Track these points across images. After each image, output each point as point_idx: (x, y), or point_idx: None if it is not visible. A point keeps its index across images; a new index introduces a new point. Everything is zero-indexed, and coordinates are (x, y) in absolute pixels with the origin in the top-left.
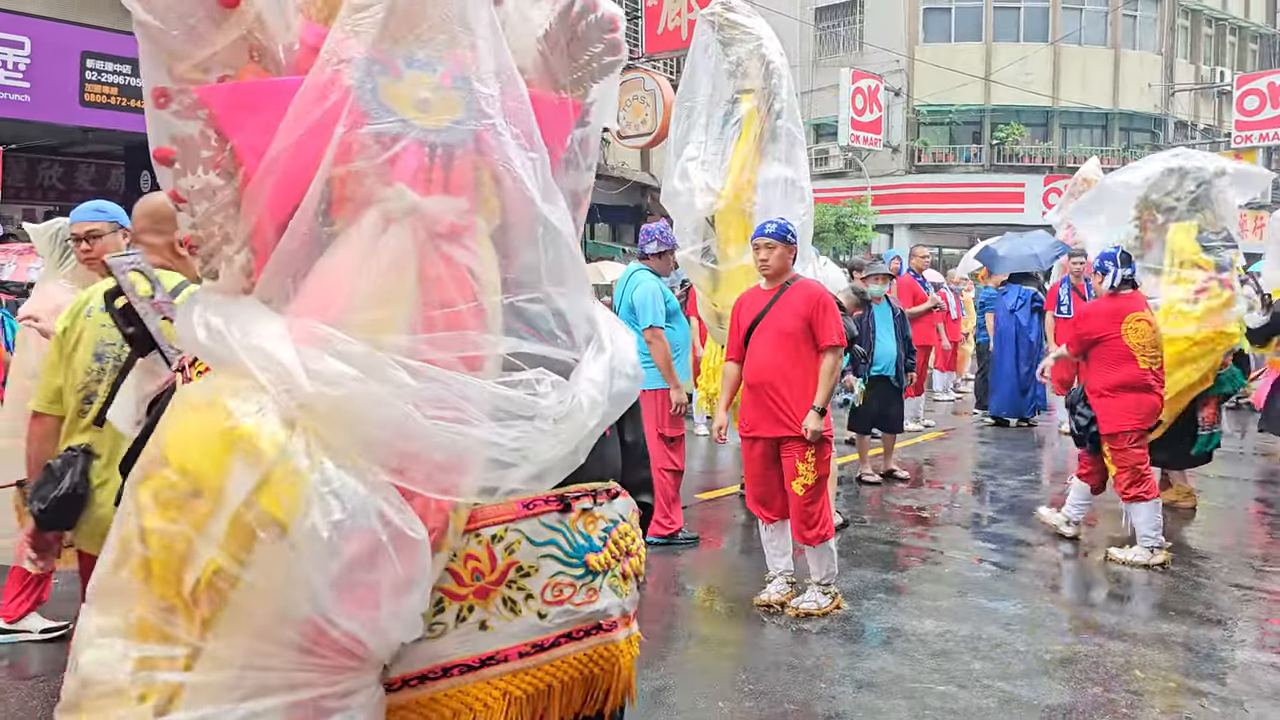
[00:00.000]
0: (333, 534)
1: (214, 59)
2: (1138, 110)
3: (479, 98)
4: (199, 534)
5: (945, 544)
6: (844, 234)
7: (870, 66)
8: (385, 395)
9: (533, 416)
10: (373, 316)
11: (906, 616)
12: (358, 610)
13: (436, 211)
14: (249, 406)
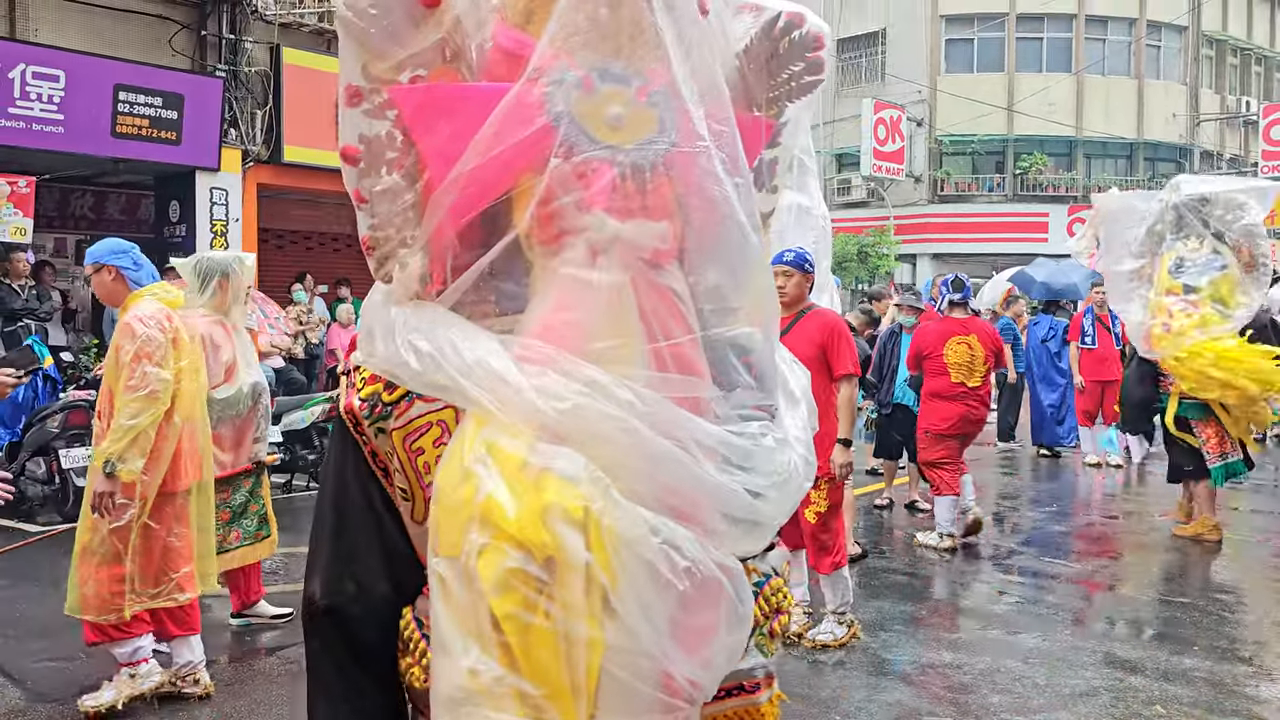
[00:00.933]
0: (685, 582)
1: (410, 59)
2: (1163, 140)
3: (678, 115)
4: (567, 611)
5: (966, 576)
6: (866, 264)
7: (893, 97)
8: (615, 412)
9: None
10: (604, 346)
11: (925, 649)
12: (696, 651)
13: (638, 238)
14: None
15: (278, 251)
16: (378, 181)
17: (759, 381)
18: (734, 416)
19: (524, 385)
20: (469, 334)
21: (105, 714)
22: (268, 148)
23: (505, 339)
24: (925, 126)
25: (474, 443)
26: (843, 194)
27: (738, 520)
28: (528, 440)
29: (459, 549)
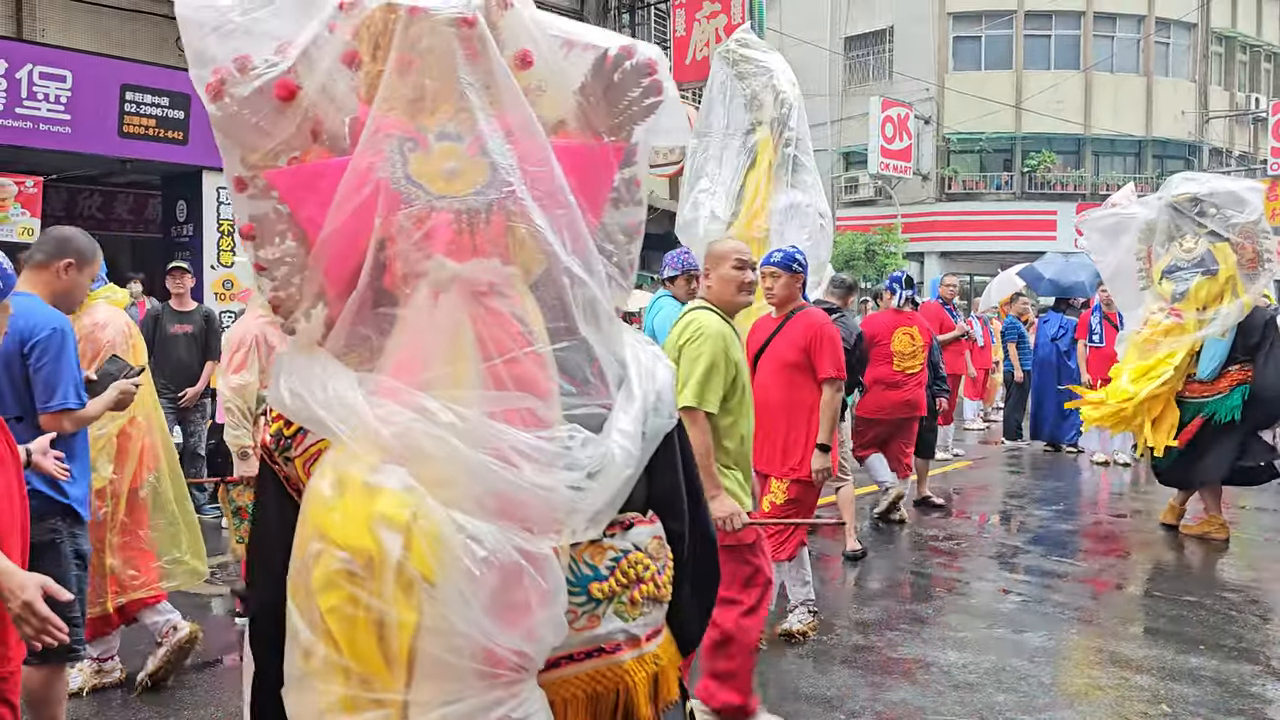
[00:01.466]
0: (483, 569)
1: (280, 146)
2: (1171, 137)
3: (502, 164)
4: (380, 600)
5: (972, 574)
6: (874, 262)
7: (900, 95)
8: (437, 433)
9: (569, 469)
10: (443, 373)
11: (930, 648)
12: (515, 626)
13: (474, 274)
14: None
15: None
16: (273, 251)
17: (600, 383)
18: (563, 420)
19: (368, 415)
20: (333, 374)
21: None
22: None
23: (362, 377)
24: (933, 124)
25: (328, 469)
26: (850, 192)
27: (562, 511)
28: (370, 463)
29: (303, 554)
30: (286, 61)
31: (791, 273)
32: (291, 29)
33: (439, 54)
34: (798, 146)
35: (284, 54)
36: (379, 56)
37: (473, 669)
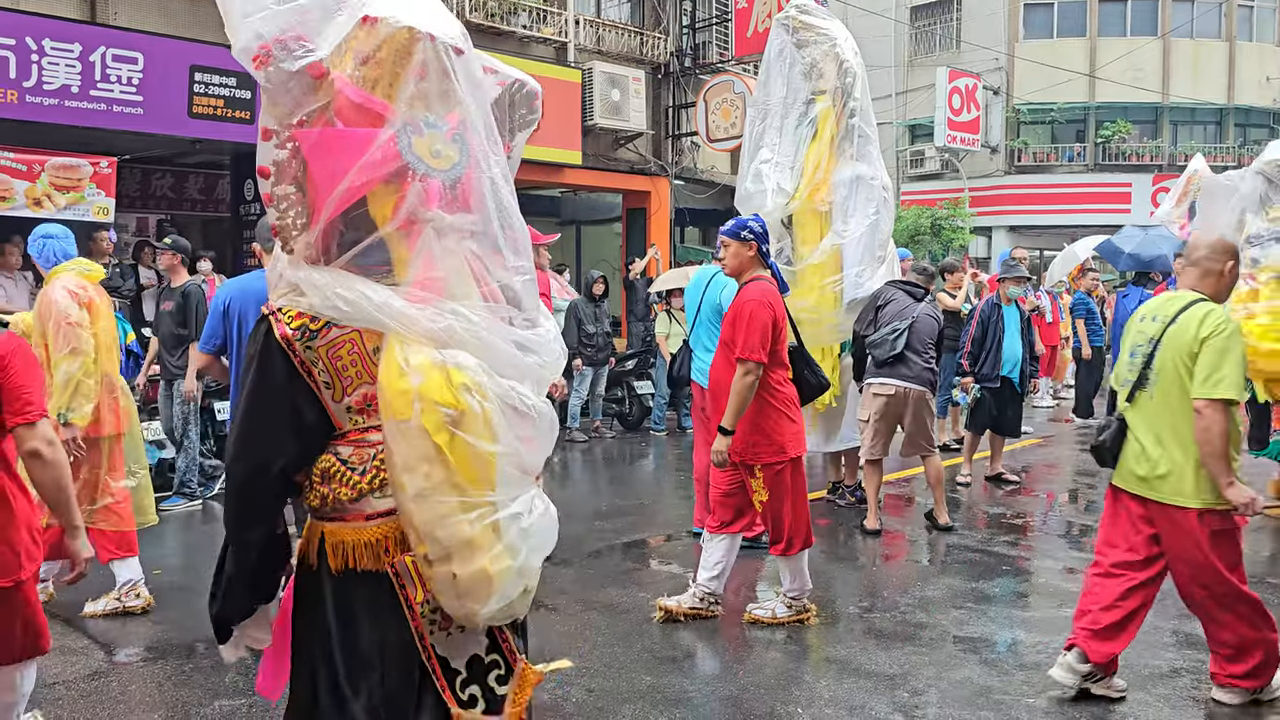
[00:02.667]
0: (529, 415)
1: (301, 110)
2: (1255, 105)
3: (471, 146)
4: (476, 437)
5: (1040, 553)
6: (940, 237)
7: (968, 65)
8: (469, 328)
9: (539, 352)
10: (458, 290)
11: (997, 627)
12: (539, 451)
13: (460, 224)
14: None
15: None
16: (282, 189)
17: (529, 303)
18: (524, 323)
19: (418, 316)
20: (372, 287)
21: None
22: None
23: (396, 289)
24: (1002, 95)
25: (399, 354)
26: (916, 166)
27: (538, 380)
28: (429, 349)
29: (409, 414)
30: (323, 51)
31: (740, 240)
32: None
33: (438, 68)
34: (861, 117)
35: (317, 44)
36: (382, 60)
37: (523, 478)
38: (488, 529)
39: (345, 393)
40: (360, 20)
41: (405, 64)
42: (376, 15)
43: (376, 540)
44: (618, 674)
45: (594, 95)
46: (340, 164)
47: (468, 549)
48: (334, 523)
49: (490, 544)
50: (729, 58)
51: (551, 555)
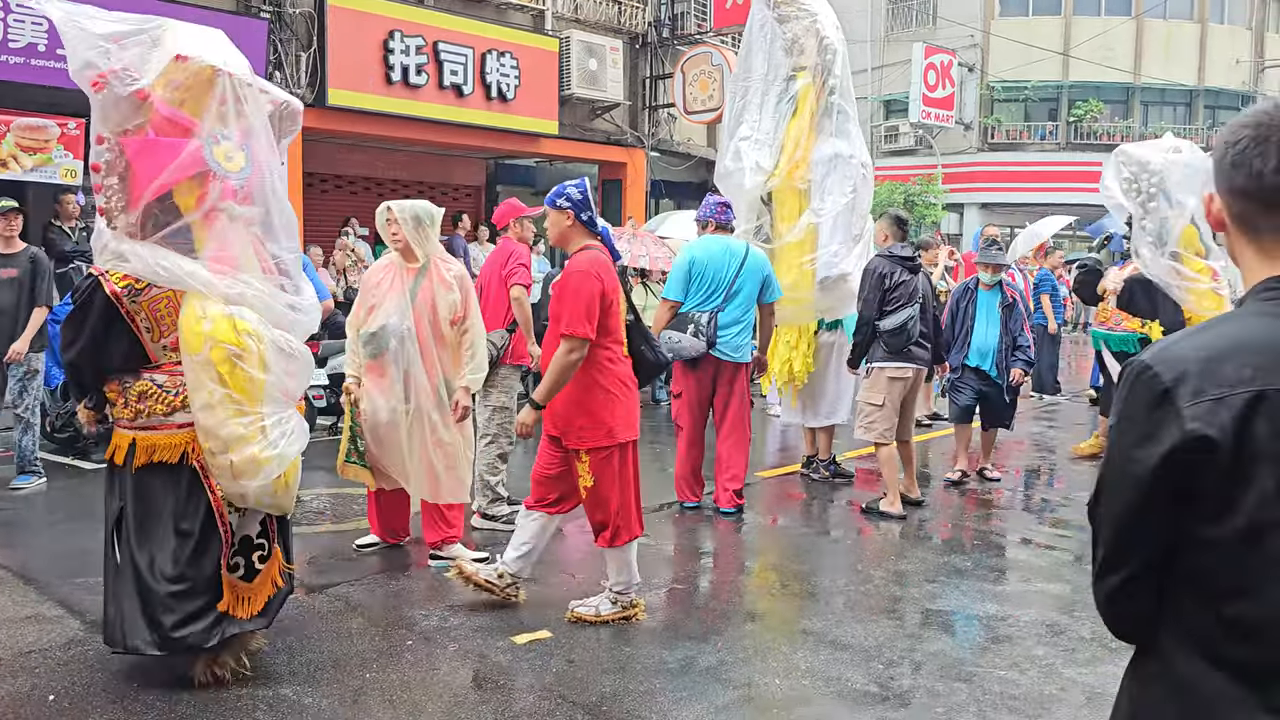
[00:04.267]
0: (291, 354)
1: (127, 124)
2: (1225, 87)
3: (255, 154)
4: (251, 368)
5: (1010, 529)
6: (913, 212)
7: (943, 41)
8: (254, 292)
9: (306, 312)
10: (246, 265)
11: (968, 600)
12: (297, 382)
13: (248, 214)
14: (234, 311)
15: (323, 196)
16: (109, 181)
17: (295, 274)
18: (293, 289)
19: (217, 282)
20: (182, 260)
21: None
22: (312, 91)
23: (198, 261)
24: (976, 72)
25: (198, 307)
26: (890, 141)
27: (304, 331)
28: (222, 305)
29: (201, 349)
30: (146, 80)
31: (556, 209)
32: (137, 60)
33: (233, 95)
34: (841, 94)
35: (142, 74)
36: (191, 87)
37: (286, 400)
38: (256, 430)
39: (163, 335)
40: (174, 57)
41: (208, 91)
42: (187, 55)
43: (183, 442)
44: (597, 645)
45: (571, 65)
46: (157, 164)
47: (241, 442)
48: (147, 431)
49: (258, 439)
50: (707, 29)
51: None
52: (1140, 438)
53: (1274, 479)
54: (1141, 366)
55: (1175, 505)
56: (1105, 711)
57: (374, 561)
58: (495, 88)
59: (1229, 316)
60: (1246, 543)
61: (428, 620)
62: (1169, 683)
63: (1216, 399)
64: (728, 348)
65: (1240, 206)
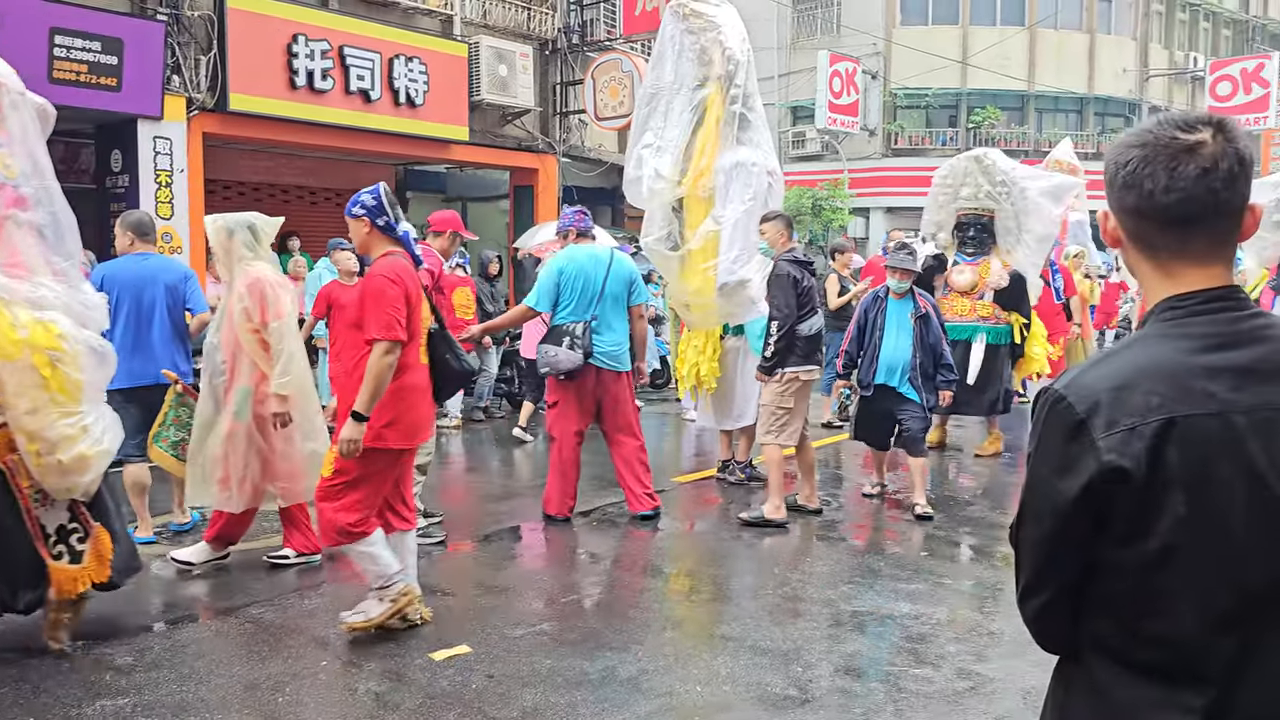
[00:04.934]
0: (100, 353)
1: None
2: (1113, 95)
3: (23, 160)
4: (70, 370)
5: (919, 528)
6: (820, 217)
7: (848, 49)
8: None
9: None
10: (40, 269)
11: (882, 600)
12: (105, 378)
13: (34, 219)
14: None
15: (226, 204)
16: None
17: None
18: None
19: (19, 287)
20: None
21: None
22: (213, 95)
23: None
24: (880, 79)
25: (8, 314)
26: (797, 147)
27: (98, 328)
28: (30, 311)
29: (19, 356)
30: None
31: (354, 218)
32: None
33: (10, 105)
34: (745, 104)
35: None
36: None
37: (99, 395)
38: (80, 429)
39: None
40: None
41: None
42: None
43: None
44: (517, 658)
45: (481, 70)
46: None
47: (69, 442)
48: None
49: (84, 437)
50: (617, 36)
51: (445, 539)
52: (1058, 469)
53: (1185, 503)
54: (1056, 397)
55: (1093, 532)
56: (1018, 704)
57: (286, 580)
58: (403, 93)
59: (1135, 340)
60: (1159, 565)
61: (343, 638)
62: (1090, 688)
63: (1129, 429)
64: (605, 356)
65: (1134, 225)
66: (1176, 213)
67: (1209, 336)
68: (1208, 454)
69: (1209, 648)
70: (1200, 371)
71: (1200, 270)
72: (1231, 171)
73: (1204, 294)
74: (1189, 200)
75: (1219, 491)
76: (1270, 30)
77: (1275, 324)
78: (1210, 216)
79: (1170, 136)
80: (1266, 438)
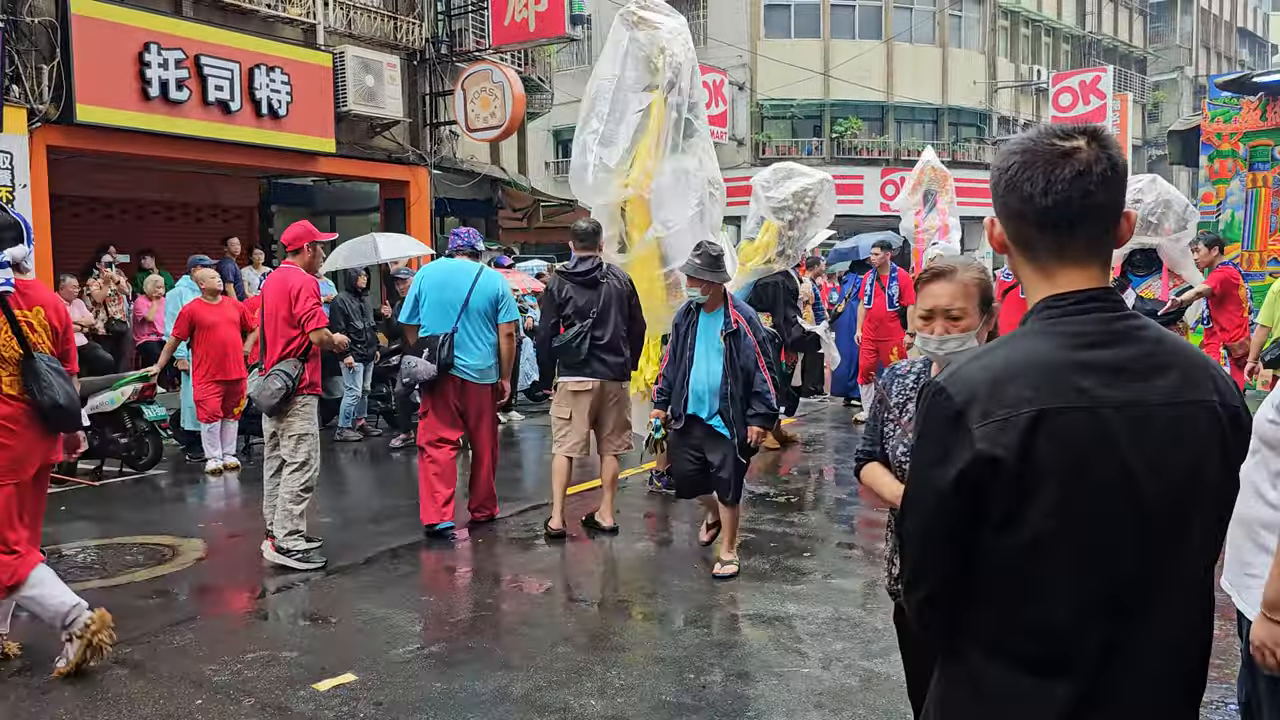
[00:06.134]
0: None
1: None
2: (965, 105)
3: None
4: None
5: (801, 528)
6: None
7: (715, 61)
8: None
9: None
10: None
11: (770, 602)
12: None
13: None
14: None
15: (75, 220)
16: None
17: None
18: None
19: None
20: None
21: None
22: (57, 106)
23: None
24: (747, 90)
25: None
26: None
27: None
28: None
29: None
30: None
31: None
32: None
33: None
34: (690, 110)
35: None
36: None
37: None
38: None
39: None
40: None
41: None
42: None
43: None
44: (406, 683)
45: (347, 81)
46: None
47: None
48: None
49: None
50: (486, 46)
51: (327, 565)
52: (937, 458)
53: (1057, 494)
54: (937, 388)
55: (971, 523)
56: (905, 699)
57: (155, 618)
58: (265, 104)
59: (1015, 336)
60: (1032, 553)
61: (219, 675)
62: (966, 679)
63: (1002, 420)
64: (465, 368)
65: (1016, 228)
66: (1054, 214)
67: (1083, 335)
68: (1079, 447)
69: (1080, 638)
70: (1073, 367)
71: (1077, 272)
72: (1105, 175)
73: (1080, 294)
74: (1066, 202)
75: (1090, 484)
76: (1105, 45)
77: (1147, 325)
78: (1085, 218)
79: (1049, 144)
80: (1138, 434)
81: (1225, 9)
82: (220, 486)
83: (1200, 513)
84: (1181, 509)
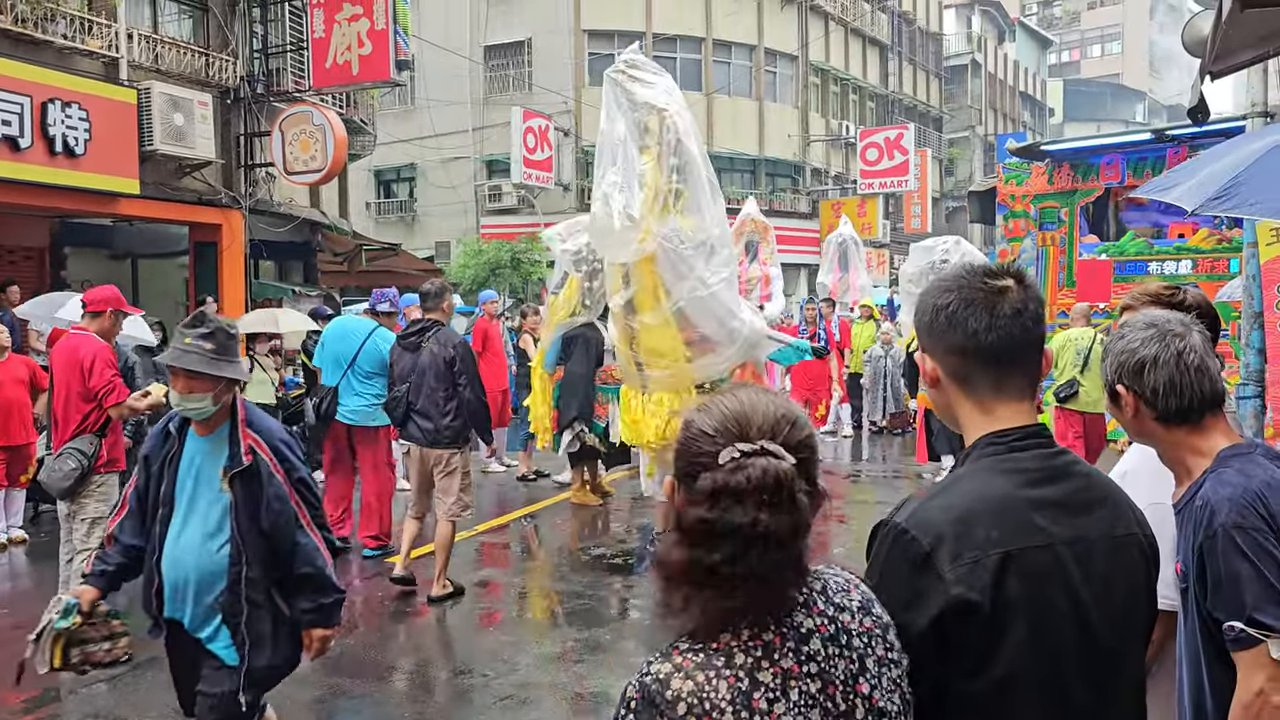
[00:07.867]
0: None
1: None
2: (781, 157)
3: None
4: None
5: (642, 592)
6: (519, 270)
7: (540, 106)
8: None
9: None
10: None
11: (616, 677)
12: None
13: None
14: None
15: None
16: None
17: None
18: None
19: None
20: None
21: None
22: None
23: None
24: (571, 136)
25: None
26: (494, 200)
27: None
28: None
29: None
30: None
31: None
32: None
33: None
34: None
35: None
36: None
37: None
38: None
39: None
40: None
41: None
42: None
43: None
44: None
45: (153, 118)
46: None
47: None
48: None
49: None
50: (306, 88)
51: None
52: (906, 602)
53: (1026, 632)
54: (899, 530)
55: (938, 664)
56: None
57: None
58: (60, 141)
59: (965, 475)
60: (1003, 691)
61: None
62: None
63: (974, 562)
64: (349, 413)
65: (957, 364)
66: (998, 349)
67: (1031, 471)
68: (1042, 584)
69: None
70: (1029, 504)
71: (1014, 407)
72: (1037, 313)
73: (1020, 431)
74: (1008, 338)
75: (1053, 619)
76: (905, 104)
77: (1078, 461)
78: (1024, 353)
79: (981, 283)
80: (1084, 568)
81: (1009, 75)
82: (4, 565)
83: (1134, 644)
84: (1122, 641)
